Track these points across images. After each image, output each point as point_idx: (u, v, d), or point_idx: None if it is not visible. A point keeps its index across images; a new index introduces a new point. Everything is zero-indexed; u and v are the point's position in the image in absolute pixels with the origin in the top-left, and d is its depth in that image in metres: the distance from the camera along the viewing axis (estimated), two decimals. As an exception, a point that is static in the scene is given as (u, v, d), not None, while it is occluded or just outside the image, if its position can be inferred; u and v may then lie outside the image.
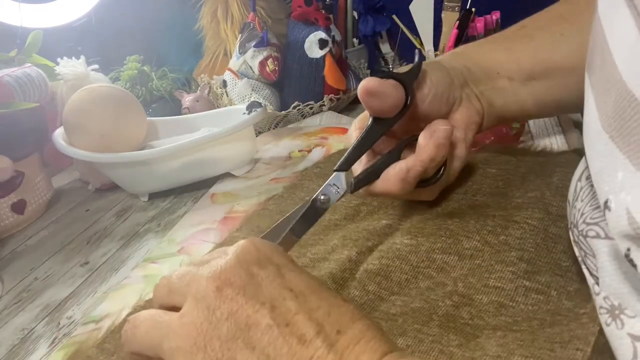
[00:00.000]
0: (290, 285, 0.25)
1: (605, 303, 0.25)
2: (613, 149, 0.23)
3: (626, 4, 0.23)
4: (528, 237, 0.35)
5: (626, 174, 0.22)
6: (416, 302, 0.32)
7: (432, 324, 0.30)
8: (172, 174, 0.76)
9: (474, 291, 0.32)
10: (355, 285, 0.34)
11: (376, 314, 0.31)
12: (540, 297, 0.31)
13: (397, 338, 0.29)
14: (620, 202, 0.22)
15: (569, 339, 0.27)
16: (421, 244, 0.36)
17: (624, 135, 0.22)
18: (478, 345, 0.28)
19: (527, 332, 0.28)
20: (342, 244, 0.38)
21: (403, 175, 0.34)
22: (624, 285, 0.24)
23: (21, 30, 0.93)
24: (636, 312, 0.24)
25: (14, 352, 0.48)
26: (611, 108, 0.23)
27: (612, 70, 0.23)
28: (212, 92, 1.05)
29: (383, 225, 0.39)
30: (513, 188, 0.41)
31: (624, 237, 0.22)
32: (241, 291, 0.25)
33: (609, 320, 0.25)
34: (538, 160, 0.45)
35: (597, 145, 0.25)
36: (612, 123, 0.23)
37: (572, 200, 0.31)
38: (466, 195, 0.42)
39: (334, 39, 1.00)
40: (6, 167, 0.72)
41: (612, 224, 0.23)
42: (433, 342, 0.28)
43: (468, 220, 0.37)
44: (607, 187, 0.23)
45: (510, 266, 0.33)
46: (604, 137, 0.24)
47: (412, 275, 0.34)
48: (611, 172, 0.23)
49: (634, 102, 0.21)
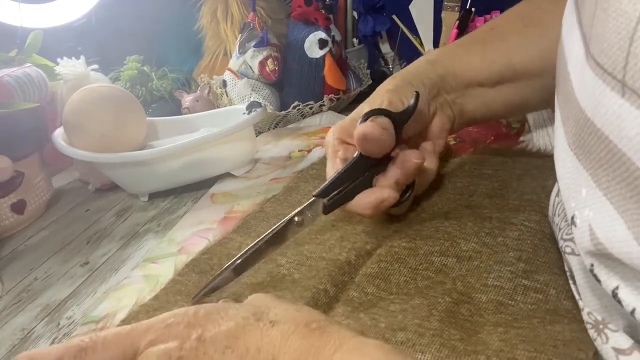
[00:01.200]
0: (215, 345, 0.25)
1: (589, 318, 0.26)
2: (578, 166, 0.23)
3: (577, 24, 0.24)
4: (526, 238, 0.35)
5: (589, 190, 0.22)
6: (415, 299, 0.32)
7: (432, 318, 0.30)
8: (172, 174, 0.76)
9: (473, 290, 0.32)
10: (354, 288, 0.34)
11: (374, 310, 0.31)
12: (539, 295, 0.31)
13: (397, 332, 0.29)
14: (584, 218, 0.22)
15: (571, 338, 0.27)
16: (419, 247, 0.36)
17: (585, 153, 0.22)
18: (480, 340, 0.28)
19: (529, 329, 0.28)
20: (340, 245, 0.38)
21: (375, 204, 0.36)
22: (603, 300, 0.25)
23: (21, 30, 0.93)
24: (618, 326, 0.24)
25: (14, 352, 0.49)
26: (573, 126, 0.24)
27: (570, 90, 0.24)
28: (212, 92, 1.05)
29: (380, 228, 0.39)
30: (509, 190, 0.41)
31: (587, 253, 0.22)
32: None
33: (595, 336, 0.25)
34: (534, 162, 0.45)
35: (565, 162, 0.25)
36: (575, 141, 0.23)
37: (552, 215, 0.32)
38: (463, 196, 0.42)
39: (334, 39, 1.00)
40: (6, 167, 0.72)
41: (577, 239, 0.23)
42: (434, 335, 0.28)
43: (465, 222, 0.37)
44: (574, 203, 0.24)
45: (509, 266, 0.33)
46: (570, 155, 0.24)
47: (410, 277, 0.34)
48: (577, 188, 0.23)
49: (587, 122, 0.21)
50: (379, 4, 1.17)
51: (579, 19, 0.24)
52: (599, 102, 0.20)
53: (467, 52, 0.41)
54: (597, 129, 0.21)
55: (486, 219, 0.38)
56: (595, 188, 0.21)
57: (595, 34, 0.20)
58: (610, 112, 0.19)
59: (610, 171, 0.20)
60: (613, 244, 0.20)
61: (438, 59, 0.41)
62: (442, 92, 0.40)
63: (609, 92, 0.19)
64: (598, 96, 0.20)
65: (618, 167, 0.20)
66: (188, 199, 0.76)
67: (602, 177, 0.21)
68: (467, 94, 0.41)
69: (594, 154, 0.21)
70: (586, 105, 0.21)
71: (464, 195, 0.42)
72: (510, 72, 0.40)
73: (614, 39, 0.18)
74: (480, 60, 0.41)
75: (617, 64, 0.19)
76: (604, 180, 0.21)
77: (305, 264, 0.37)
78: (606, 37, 0.19)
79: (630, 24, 0.17)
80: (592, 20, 0.21)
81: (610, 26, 0.19)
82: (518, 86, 0.41)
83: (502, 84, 0.41)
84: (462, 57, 0.41)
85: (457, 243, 0.36)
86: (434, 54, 0.42)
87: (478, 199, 0.41)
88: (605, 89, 0.19)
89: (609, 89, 0.19)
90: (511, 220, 0.37)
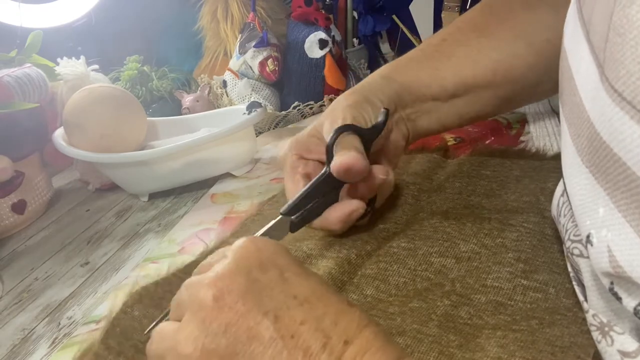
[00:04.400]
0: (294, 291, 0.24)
1: (594, 320, 0.25)
2: (594, 184, 0.23)
3: (585, 40, 0.23)
4: (524, 239, 0.35)
5: (607, 210, 0.21)
6: (414, 301, 0.32)
7: (431, 324, 0.30)
8: (172, 174, 0.76)
9: (472, 291, 0.32)
10: (353, 290, 0.34)
11: (373, 312, 0.32)
12: (538, 295, 0.31)
13: (395, 337, 0.29)
14: (602, 238, 0.22)
15: (569, 344, 0.27)
16: (418, 248, 0.36)
17: (601, 174, 0.22)
18: (478, 346, 0.28)
19: (527, 332, 0.28)
20: (340, 242, 0.38)
21: (345, 218, 0.35)
22: (611, 303, 0.24)
23: (21, 30, 0.93)
24: (625, 328, 0.24)
25: (15, 352, 0.49)
26: (586, 145, 0.23)
27: (581, 108, 0.23)
28: (212, 92, 1.05)
29: (380, 229, 0.39)
30: (508, 191, 0.42)
31: (604, 274, 0.22)
32: (241, 299, 0.23)
33: (600, 338, 0.25)
34: (532, 164, 0.45)
35: (577, 178, 0.24)
36: (590, 159, 0.23)
37: (557, 215, 0.32)
38: (461, 196, 0.42)
39: (334, 39, 1.00)
40: (6, 167, 0.72)
41: (594, 260, 0.23)
42: (433, 342, 0.28)
43: (464, 223, 0.37)
44: (590, 222, 0.23)
45: (508, 267, 0.33)
46: (584, 171, 0.24)
47: (409, 278, 0.34)
48: (593, 206, 0.23)
49: (603, 145, 0.21)
50: (379, 4, 1.17)
51: (586, 34, 0.23)
52: (616, 129, 0.20)
53: (420, 68, 0.41)
54: (614, 153, 0.20)
55: (485, 220, 0.38)
56: (614, 209, 0.21)
57: (611, 58, 0.20)
58: (628, 140, 0.19)
59: (628, 195, 0.20)
60: (634, 268, 0.20)
61: (392, 74, 0.40)
62: (398, 109, 0.39)
63: (628, 121, 0.19)
64: (615, 122, 0.20)
65: (638, 193, 0.19)
66: (188, 199, 0.76)
67: (621, 199, 0.20)
68: (422, 109, 0.41)
69: (611, 175, 0.21)
70: (601, 129, 0.21)
71: (463, 195, 0.42)
72: (463, 87, 0.40)
73: (634, 68, 0.18)
74: (433, 76, 0.40)
75: (637, 93, 0.18)
76: (622, 203, 0.20)
77: (305, 262, 0.37)
78: (625, 64, 0.19)
79: None
80: (605, 43, 0.20)
81: (628, 54, 0.18)
82: (471, 99, 0.41)
83: (456, 97, 0.41)
84: (415, 73, 0.41)
85: (456, 244, 0.36)
86: (388, 69, 0.41)
87: (476, 199, 0.41)
88: (624, 117, 0.19)
89: (627, 117, 0.19)
90: (510, 222, 0.37)
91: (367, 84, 0.40)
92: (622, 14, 0.19)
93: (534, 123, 0.70)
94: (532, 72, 0.40)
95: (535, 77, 0.41)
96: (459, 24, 0.43)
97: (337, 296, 0.25)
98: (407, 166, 0.48)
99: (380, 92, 0.39)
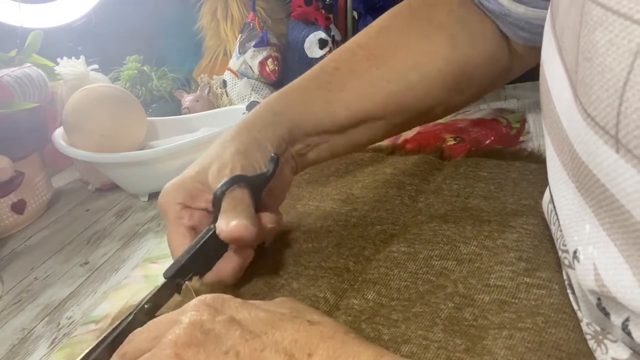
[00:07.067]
0: (250, 327, 0.25)
1: (589, 329, 0.25)
2: (580, 201, 0.22)
3: (559, 57, 0.23)
4: (525, 240, 0.35)
5: (593, 227, 0.21)
6: (417, 306, 0.32)
7: (436, 328, 0.30)
8: (172, 174, 0.75)
9: (475, 291, 0.32)
10: (354, 295, 0.34)
11: (376, 319, 0.31)
12: (542, 291, 0.31)
13: (401, 345, 0.29)
14: (588, 255, 0.22)
15: (575, 351, 0.27)
16: (419, 252, 0.36)
17: (585, 190, 0.22)
18: (485, 349, 0.27)
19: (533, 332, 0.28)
20: (338, 252, 0.38)
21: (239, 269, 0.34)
22: (600, 314, 0.24)
23: (21, 30, 0.93)
24: (617, 336, 0.24)
25: (14, 352, 0.49)
26: (569, 161, 0.23)
27: (560, 125, 0.23)
28: (212, 92, 1.05)
29: (377, 232, 0.39)
30: (506, 193, 0.41)
31: (590, 291, 0.22)
32: (201, 349, 0.24)
33: (595, 346, 0.25)
34: (529, 167, 0.45)
35: (564, 192, 0.24)
36: (574, 174, 0.23)
37: (547, 221, 0.32)
38: (459, 198, 0.42)
39: (334, 39, 1.00)
40: (6, 167, 0.72)
41: (580, 276, 0.23)
42: (439, 348, 0.28)
43: (464, 225, 0.37)
44: (577, 237, 0.23)
45: (510, 266, 0.33)
46: (571, 186, 0.24)
47: (411, 282, 0.34)
48: (580, 222, 0.23)
49: (582, 165, 0.21)
50: (379, 4, 1.17)
51: (559, 50, 0.23)
52: (593, 152, 0.20)
53: (312, 100, 0.40)
54: (594, 174, 0.20)
55: (485, 222, 0.37)
56: (599, 227, 0.21)
57: (582, 82, 0.20)
58: (605, 164, 0.19)
59: (611, 215, 0.20)
60: (618, 289, 0.20)
61: (284, 109, 0.39)
62: (288, 147, 0.39)
63: (602, 145, 0.19)
64: (591, 145, 0.19)
65: (619, 214, 0.19)
66: (188, 199, 0.76)
67: (604, 217, 0.20)
68: (312, 142, 0.40)
69: (594, 193, 0.21)
70: (579, 149, 0.21)
71: (461, 197, 0.42)
72: (355, 120, 0.40)
73: (603, 94, 0.18)
74: (325, 110, 0.40)
75: (608, 120, 0.18)
76: (606, 221, 0.20)
77: (303, 274, 0.37)
78: (594, 89, 0.19)
79: (618, 83, 0.17)
80: (576, 67, 0.20)
81: (597, 80, 0.18)
82: (362, 130, 0.41)
83: (347, 129, 0.41)
84: (306, 107, 0.40)
85: (457, 246, 0.36)
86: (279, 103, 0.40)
87: (475, 201, 0.41)
88: (598, 141, 0.19)
89: (602, 141, 0.19)
90: (510, 224, 0.37)
91: (258, 119, 0.38)
92: (587, 39, 0.19)
93: (534, 123, 0.70)
94: (423, 101, 0.41)
95: (425, 105, 0.41)
96: (354, 48, 0.42)
97: (293, 319, 0.26)
98: (404, 166, 0.48)
99: (271, 131, 0.37)
